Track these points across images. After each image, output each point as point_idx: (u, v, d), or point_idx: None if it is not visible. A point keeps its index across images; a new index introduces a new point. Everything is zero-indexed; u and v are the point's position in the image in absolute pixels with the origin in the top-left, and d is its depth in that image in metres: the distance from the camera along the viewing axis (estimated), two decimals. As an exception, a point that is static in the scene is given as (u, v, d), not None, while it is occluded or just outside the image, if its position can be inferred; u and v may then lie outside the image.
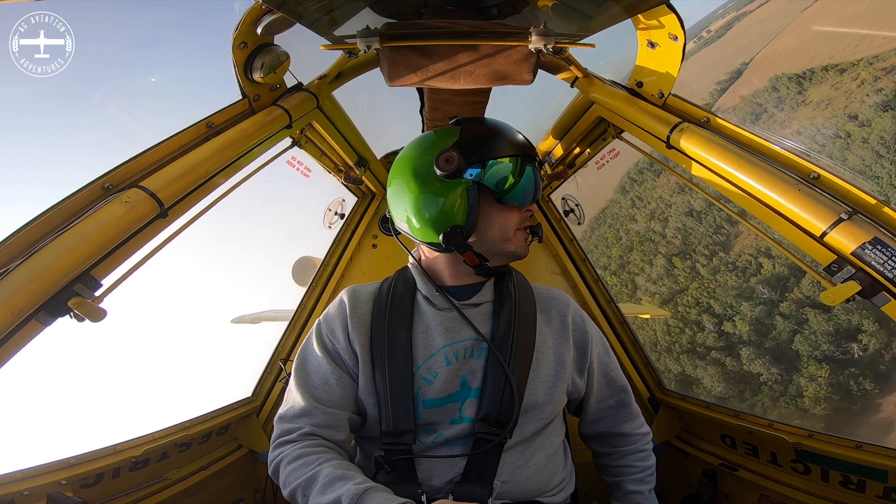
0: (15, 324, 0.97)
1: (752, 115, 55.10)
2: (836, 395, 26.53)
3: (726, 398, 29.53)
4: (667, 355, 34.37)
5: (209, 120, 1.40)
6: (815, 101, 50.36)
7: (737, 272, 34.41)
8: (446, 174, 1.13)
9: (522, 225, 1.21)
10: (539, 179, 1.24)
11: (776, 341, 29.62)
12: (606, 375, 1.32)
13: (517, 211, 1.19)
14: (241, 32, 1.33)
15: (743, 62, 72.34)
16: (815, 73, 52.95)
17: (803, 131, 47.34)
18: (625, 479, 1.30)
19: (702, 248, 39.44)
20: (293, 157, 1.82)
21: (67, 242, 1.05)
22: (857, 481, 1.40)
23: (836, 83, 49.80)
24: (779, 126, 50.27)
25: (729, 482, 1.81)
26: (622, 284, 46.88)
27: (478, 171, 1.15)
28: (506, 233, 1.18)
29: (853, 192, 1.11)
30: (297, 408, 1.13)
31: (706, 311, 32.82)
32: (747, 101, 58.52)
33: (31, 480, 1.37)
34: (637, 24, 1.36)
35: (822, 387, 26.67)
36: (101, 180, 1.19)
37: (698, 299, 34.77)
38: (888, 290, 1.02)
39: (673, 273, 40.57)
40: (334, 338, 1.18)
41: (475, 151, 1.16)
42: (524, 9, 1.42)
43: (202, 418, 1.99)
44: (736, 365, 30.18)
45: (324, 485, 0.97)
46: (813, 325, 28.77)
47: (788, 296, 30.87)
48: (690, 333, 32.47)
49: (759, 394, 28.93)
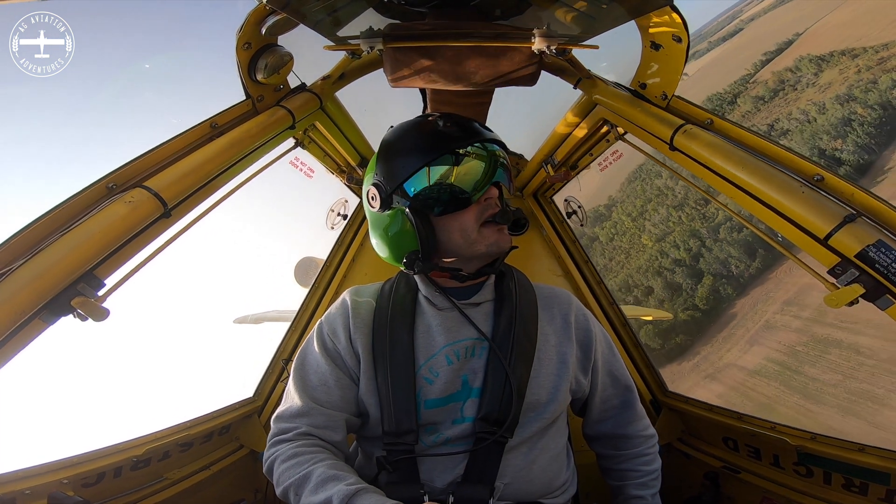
0: (18, 322, 0.97)
1: (772, 91, 54.31)
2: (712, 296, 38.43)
3: (662, 301, 41.73)
4: (642, 273, 45.84)
5: (213, 120, 1.40)
6: (822, 84, 50.14)
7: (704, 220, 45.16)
8: (379, 209, 1.13)
9: (484, 218, 1.12)
10: (482, 162, 1.13)
11: (701, 264, 41.65)
12: (611, 374, 1.30)
13: (472, 206, 1.11)
14: (245, 33, 1.33)
15: (796, 33, 67.53)
16: (833, 56, 52.48)
17: (792, 115, 47.33)
18: (628, 483, 1.28)
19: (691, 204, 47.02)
20: (296, 158, 1.83)
21: (71, 242, 1.05)
22: (860, 484, 1.39)
23: (844, 68, 49.59)
24: (780, 105, 49.87)
25: (731, 485, 1.80)
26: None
27: (404, 194, 1.11)
28: (468, 236, 1.11)
29: (858, 194, 1.10)
30: (295, 408, 1.13)
31: (673, 246, 45.07)
32: (777, 75, 57.33)
33: (32, 479, 1.37)
34: (640, 25, 1.36)
35: (706, 289, 38.87)
36: (106, 180, 1.19)
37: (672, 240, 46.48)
38: (892, 292, 1.01)
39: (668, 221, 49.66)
40: (336, 338, 1.17)
41: (388, 179, 1.11)
42: (527, 10, 1.42)
43: (204, 418, 1.99)
44: (671, 278, 42.50)
45: (316, 484, 0.97)
46: (717, 251, 40.34)
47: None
48: (660, 259, 45.09)
49: (678, 297, 40.49)
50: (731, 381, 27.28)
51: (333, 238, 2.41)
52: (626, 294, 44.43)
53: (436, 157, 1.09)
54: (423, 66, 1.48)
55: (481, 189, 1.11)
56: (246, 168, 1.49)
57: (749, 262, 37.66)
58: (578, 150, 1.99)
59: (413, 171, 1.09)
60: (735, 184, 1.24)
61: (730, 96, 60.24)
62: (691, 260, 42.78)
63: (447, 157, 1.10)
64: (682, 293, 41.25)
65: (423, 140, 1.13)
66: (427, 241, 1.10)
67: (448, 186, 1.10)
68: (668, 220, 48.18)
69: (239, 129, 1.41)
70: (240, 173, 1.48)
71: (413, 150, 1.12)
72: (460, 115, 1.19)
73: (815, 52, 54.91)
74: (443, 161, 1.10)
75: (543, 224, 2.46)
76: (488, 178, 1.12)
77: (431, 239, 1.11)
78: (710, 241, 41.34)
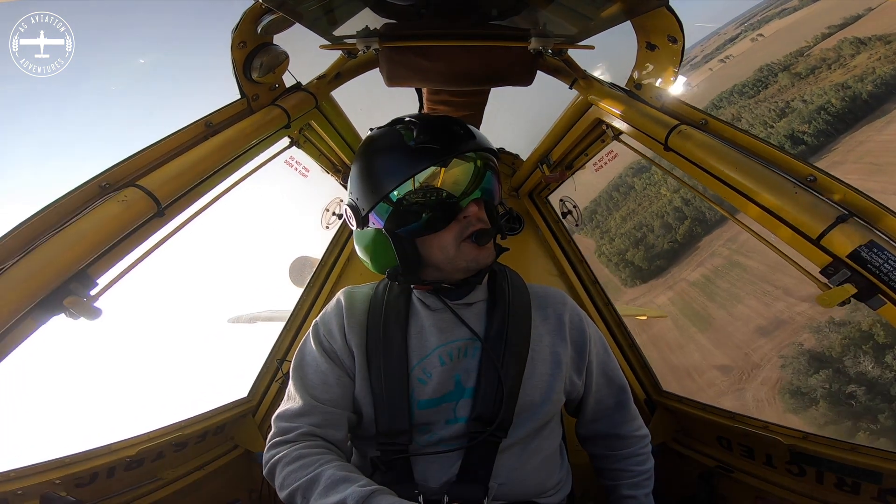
0: (9, 322, 0.97)
1: (809, 68, 52.38)
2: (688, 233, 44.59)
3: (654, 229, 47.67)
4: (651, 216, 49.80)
5: (207, 119, 1.39)
6: (850, 66, 48.74)
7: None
8: (358, 228, 1.15)
9: (465, 235, 1.08)
10: (462, 176, 1.11)
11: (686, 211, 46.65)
12: (605, 375, 1.30)
13: (451, 226, 1.09)
14: (241, 32, 1.32)
15: (868, 8, 61.34)
16: (871, 39, 50.29)
17: (806, 96, 46.64)
18: (621, 483, 1.28)
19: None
20: (291, 157, 1.82)
21: (63, 241, 1.04)
22: (852, 483, 1.40)
23: (873, 54, 48.03)
24: (808, 84, 48.46)
25: (725, 484, 1.81)
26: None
27: (378, 215, 1.09)
28: (447, 252, 1.09)
29: (850, 194, 1.11)
30: (296, 407, 1.11)
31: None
32: (822, 52, 54.38)
33: (24, 480, 1.36)
34: (636, 25, 1.36)
35: (685, 228, 44.74)
36: (98, 179, 1.18)
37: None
38: (884, 293, 1.02)
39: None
40: (332, 338, 1.17)
41: (366, 198, 1.10)
42: (523, 10, 1.42)
43: (198, 418, 1.98)
44: (666, 219, 47.37)
45: (326, 486, 0.96)
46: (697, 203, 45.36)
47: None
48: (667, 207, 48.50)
49: (668, 233, 46.19)
50: (679, 289, 39.16)
51: (328, 237, 2.41)
52: (636, 231, 47.82)
53: (403, 182, 1.06)
54: (419, 66, 1.48)
55: (453, 212, 1.08)
56: (240, 167, 1.49)
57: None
58: (574, 150, 1.99)
59: (380, 198, 1.08)
60: (728, 184, 1.25)
61: (779, 68, 57.83)
62: (683, 207, 47.06)
63: (430, 168, 1.07)
64: (670, 230, 45.92)
65: (393, 160, 1.09)
66: (406, 259, 1.10)
67: (421, 209, 1.08)
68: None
69: (233, 128, 1.40)
70: (234, 172, 1.47)
71: (383, 171, 1.09)
72: (439, 120, 1.13)
73: (876, 31, 51.75)
74: (419, 180, 1.07)
75: (539, 224, 2.46)
76: (465, 195, 1.10)
77: (411, 255, 1.10)
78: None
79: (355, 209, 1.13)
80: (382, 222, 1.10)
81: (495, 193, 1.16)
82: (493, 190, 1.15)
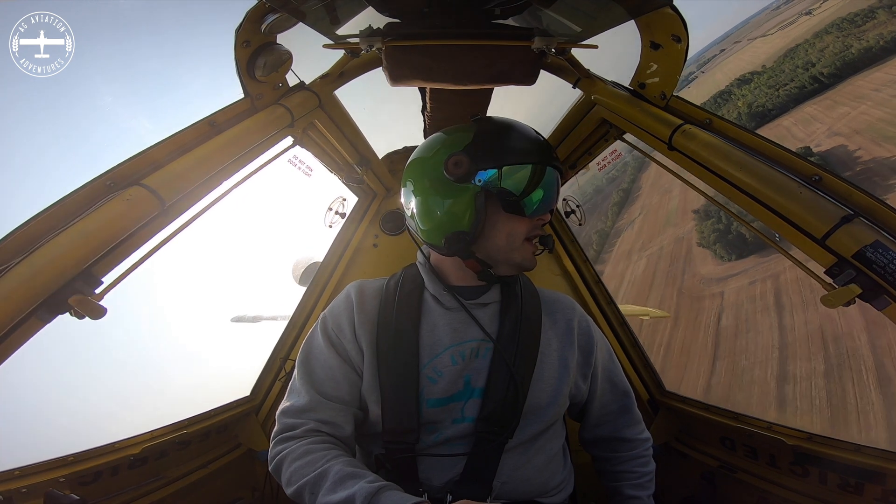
0: (15, 321, 0.97)
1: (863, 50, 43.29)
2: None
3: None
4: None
5: (211, 118, 1.40)
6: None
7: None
8: (455, 178, 1.10)
9: (532, 235, 1.16)
10: (557, 188, 1.18)
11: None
12: (610, 380, 1.31)
13: (528, 220, 1.14)
14: (244, 31, 1.32)
15: None
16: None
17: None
18: (624, 483, 1.28)
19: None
20: (295, 156, 1.82)
21: (68, 239, 1.04)
22: (855, 484, 1.39)
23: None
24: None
25: (728, 484, 1.81)
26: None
27: (488, 176, 1.10)
28: (513, 241, 1.14)
29: (856, 194, 1.10)
30: (302, 402, 1.10)
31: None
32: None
33: (28, 478, 1.36)
34: (640, 24, 1.36)
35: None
36: (104, 178, 1.19)
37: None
38: (889, 293, 1.02)
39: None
40: (340, 332, 1.16)
41: (487, 156, 1.11)
42: (527, 9, 1.42)
43: (201, 417, 1.99)
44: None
45: (334, 482, 0.95)
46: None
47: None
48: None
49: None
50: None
51: (331, 237, 2.41)
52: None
53: (543, 163, 1.13)
54: (423, 65, 1.48)
55: (544, 210, 1.15)
56: (244, 166, 1.48)
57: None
58: (577, 150, 1.99)
59: (518, 162, 1.11)
60: (733, 183, 1.24)
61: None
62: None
63: (547, 168, 1.14)
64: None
65: (533, 142, 1.16)
66: (480, 228, 1.12)
67: (532, 194, 1.13)
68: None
69: (237, 127, 1.40)
70: (238, 171, 1.47)
71: (522, 145, 1.15)
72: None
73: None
74: (543, 170, 1.13)
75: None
76: (552, 203, 1.17)
77: (482, 228, 1.13)
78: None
79: (473, 159, 1.11)
80: (506, 192, 1.11)
81: (552, 214, 1.24)
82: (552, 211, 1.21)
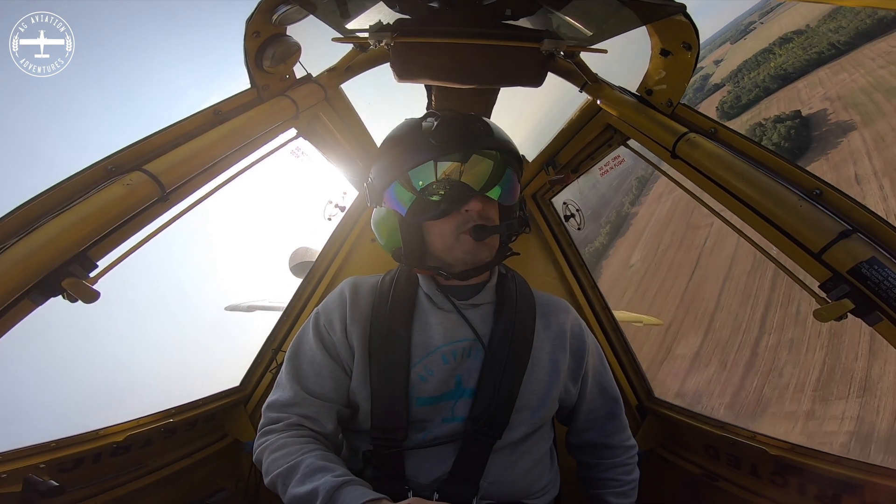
0: (7, 302, 0.96)
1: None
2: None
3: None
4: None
5: (217, 107, 1.39)
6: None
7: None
8: (375, 204, 1.21)
9: (463, 229, 1.11)
10: (482, 172, 1.13)
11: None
12: (599, 385, 1.32)
13: (452, 216, 1.12)
14: (255, 21, 1.31)
15: None
16: None
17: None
18: (607, 491, 1.29)
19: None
20: (298, 148, 1.81)
21: (65, 221, 1.03)
22: (832, 495, 1.41)
23: None
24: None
25: (709, 493, 1.82)
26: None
27: (393, 193, 1.16)
28: (446, 241, 1.13)
29: (855, 210, 1.11)
30: (286, 397, 1.12)
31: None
32: None
33: (7, 464, 1.34)
34: (651, 31, 1.36)
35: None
36: (106, 162, 1.18)
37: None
38: (882, 310, 1.03)
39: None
40: (331, 329, 1.17)
41: (384, 174, 1.17)
42: (537, 11, 1.42)
43: (188, 406, 1.97)
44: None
45: (303, 475, 0.97)
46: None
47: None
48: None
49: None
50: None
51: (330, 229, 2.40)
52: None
53: (428, 160, 1.11)
54: (430, 63, 1.47)
55: (454, 206, 1.11)
56: (247, 156, 1.48)
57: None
58: (581, 154, 1.99)
59: (392, 179, 1.15)
60: (733, 193, 1.25)
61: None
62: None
63: (429, 168, 1.11)
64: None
65: (410, 147, 1.14)
66: (410, 242, 1.14)
67: (419, 200, 1.12)
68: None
69: (242, 116, 1.39)
70: (240, 161, 1.47)
71: (400, 155, 1.15)
72: (462, 117, 1.17)
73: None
74: (424, 172, 1.11)
75: (541, 226, 2.47)
76: (468, 191, 1.11)
77: (416, 240, 1.14)
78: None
79: (372, 187, 1.21)
80: (401, 206, 1.13)
81: (510, 194, 1.17)
82: (509, 190, 1.17)
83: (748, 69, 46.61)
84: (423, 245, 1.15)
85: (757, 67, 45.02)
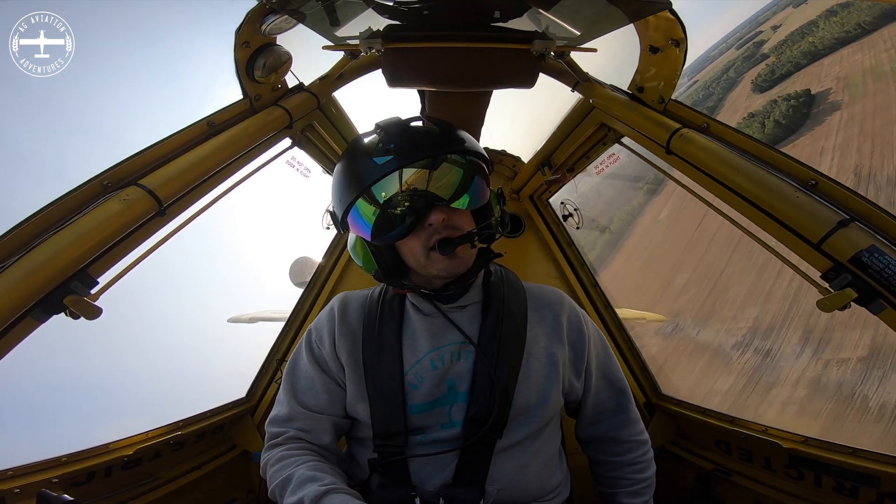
0: (10, 321, 0.97)
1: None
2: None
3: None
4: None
5: (210, 119, 1.39)
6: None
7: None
8: (343, 231, 1.17)
9: (430, 244, 1.06)
10: (449, 181, 1.07)
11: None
12: (605, 377, 1.28)
13: (417, 233, 1.07)
14: (244, 32, 1.33)
15: None
16: None
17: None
18: (619, 490, 1.26)
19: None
20: (293, 158, 1.82)
21: (64, 239, 1.04)
22: (851, 487, 1.40)
23: None
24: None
25: (723, 487, 1.81)
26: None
27: (355, 219, 1.09)
28: (419, 259, 1.09)
29: (852, 199, 1.11)
30: (284, 413, 1.16)
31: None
32: None
33: (21, 479, 1.36)
34: (639, 28, 1.37)
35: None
36: (101, 178, 1.19)
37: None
38: (885, 297, 1.02)
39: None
40: (321, 344, 1.19)
41: (340, 202, 1.10)
42: (526, 13, 1.42)
43: (196, 418, 1.98)
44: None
45: (295, 485, 0.99)
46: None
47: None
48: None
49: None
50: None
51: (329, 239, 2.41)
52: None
53: (376, 180, 1.03)
54: (422, 68, 1.48)
55: (420, 219, 1.05)
56: (242, 167, 1.49)
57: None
58: (576, 153, 1.99)
59: (346, 206, 1.08)
60: (730, 187, 1.25)
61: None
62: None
63: (393, 179, 1.03)
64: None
65: (357, 169, 1.07)
66: (385, 263, 1.13)
67: (378, 223, 1.06)
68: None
69: (236, 128, 1.40)
70: (236, 172, 1.47)
71: (348, 179, 1.08)
72: (405, 126, 1.09)
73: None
74: (388, 184, 1.04)
75: (539, 226, 2.46)
76: (434, 199, 1.05)
77: (390, 260, 1.12)
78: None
79: (333, 215, 1.18)
80: (366, 226, 1.08)
81: (477, 196, 1.10)
82: (476, 193, 1.10)
83: (793, 41, 45.79)
84: (401, 264, 1.13)
85: (801, 40, 44.30)
